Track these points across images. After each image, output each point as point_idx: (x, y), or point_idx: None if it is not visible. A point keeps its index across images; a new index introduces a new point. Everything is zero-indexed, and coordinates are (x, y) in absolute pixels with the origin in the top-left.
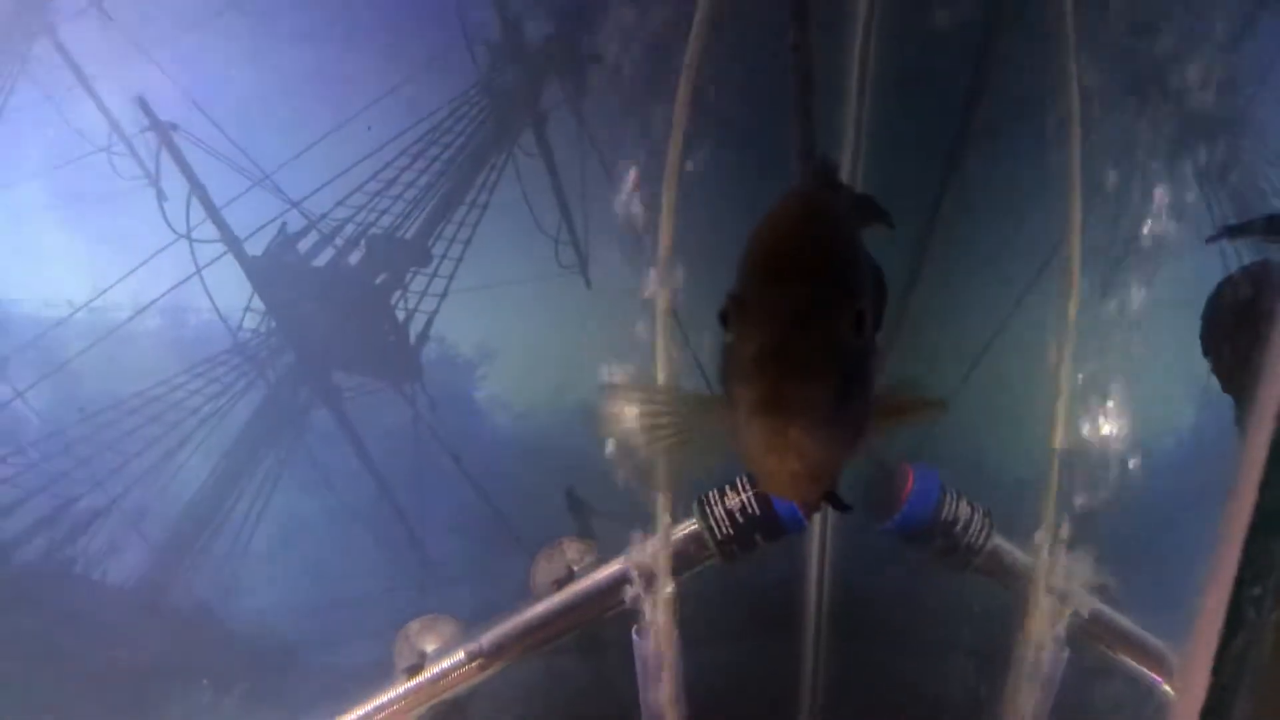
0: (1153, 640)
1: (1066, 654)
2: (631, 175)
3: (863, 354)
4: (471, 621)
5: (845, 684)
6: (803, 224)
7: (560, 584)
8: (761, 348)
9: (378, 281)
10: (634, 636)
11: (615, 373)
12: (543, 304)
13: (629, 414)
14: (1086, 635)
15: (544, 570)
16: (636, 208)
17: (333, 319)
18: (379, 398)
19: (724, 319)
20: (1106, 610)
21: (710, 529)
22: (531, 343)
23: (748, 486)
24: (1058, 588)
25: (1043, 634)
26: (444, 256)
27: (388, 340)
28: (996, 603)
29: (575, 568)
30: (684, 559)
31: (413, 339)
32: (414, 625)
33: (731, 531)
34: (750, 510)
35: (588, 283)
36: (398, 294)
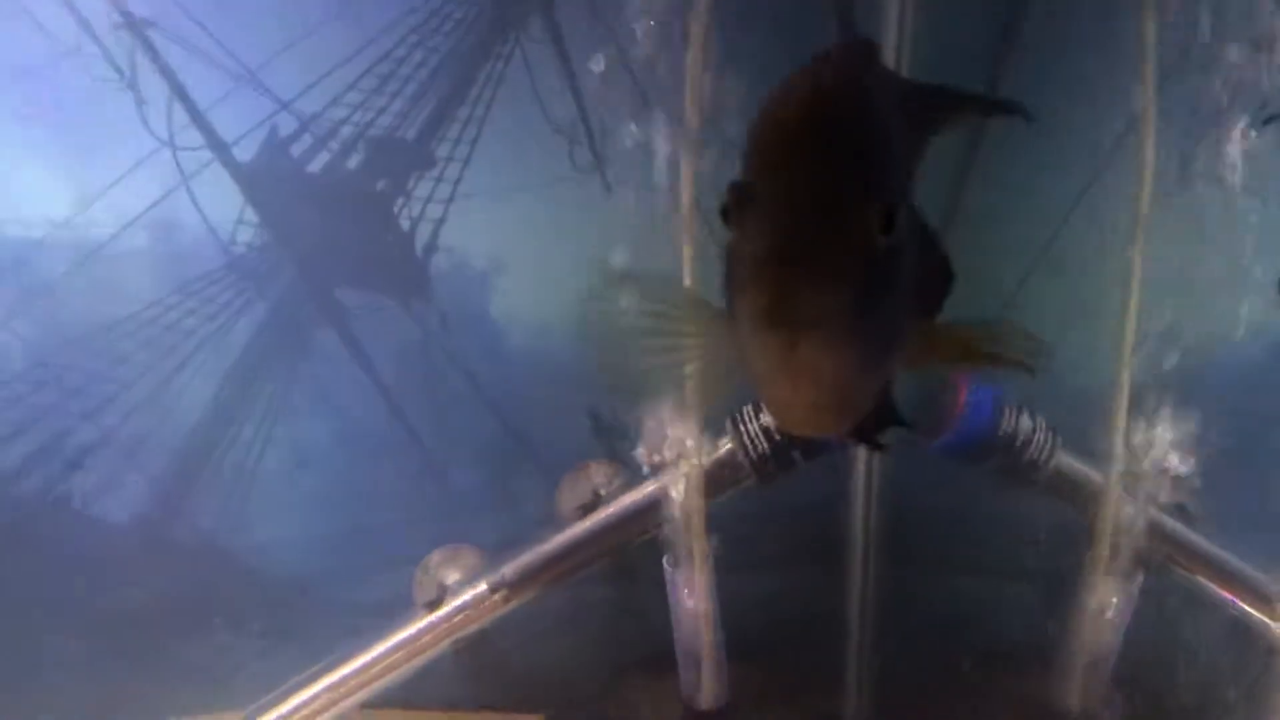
0: (1238, 564)
1: (1140, 579)
2: None
3: (894, 258)
4: (495, 551)
5: (897, 612)
6: (822, 99)
7: (586, 510)
8: (767, 247)
9: (379, 187)
10: (665, 566)
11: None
12: (558, 209)
13: (628, 312)
14: (1165, 559)
15: (569, 495)
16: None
17: (333, 230)
18: (387, 314)
19: (725, 214)
20: (1186, 531)
21: (745, 448)
22: (547, 252)
23: None
24: (1130, 507)
25: (1113, 557)
26: (449, 159)
27: (393, 252)
28: (1063, 522)
29: (602, 492)
30: (718, 481)
31: (419, 250)
32: (434, 556)
33: (768, 449)
34: None
35: (607, 185)
36: (401, 201)
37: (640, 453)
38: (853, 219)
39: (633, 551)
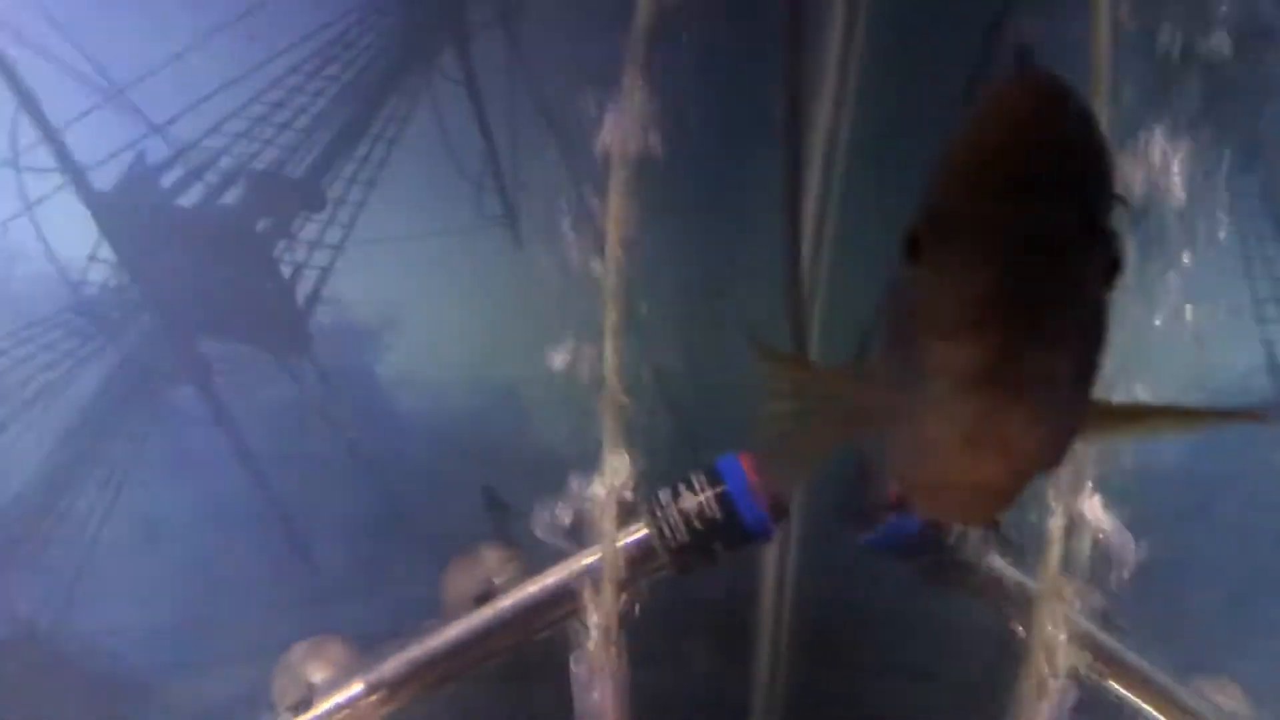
0: (1161, 677)
1: (1074, 695)
2: None
3: (1106, 319)
4: (369, 644)
5: (808, 714)
6: (1051, 113)
7: (479, 600)
8: (981, 290)
9: (259, 228)
10: (572, 665)
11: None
12: (462, 262)
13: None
14: (1091, 669)
15: (457, 582)
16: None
17: (202, 273)
18: (258, 371)
19: (911, 246)
20: (1109, 640)
21: (662, 535)
22: (447, 308)
23: (705, 486)
24: (1063, 614)
25: (1047, 668)
26: (342, 200)
27: (270, 301)
28: (991, 627)
29: (496, 580)
30: (631, 570)
31: (301, 300)
32: (298, 649)
33: (688, 539)
34: (710, 513)
35: (516, 238)
36: (283, 244)
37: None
38: (1081, 266)
39: (531, 649)
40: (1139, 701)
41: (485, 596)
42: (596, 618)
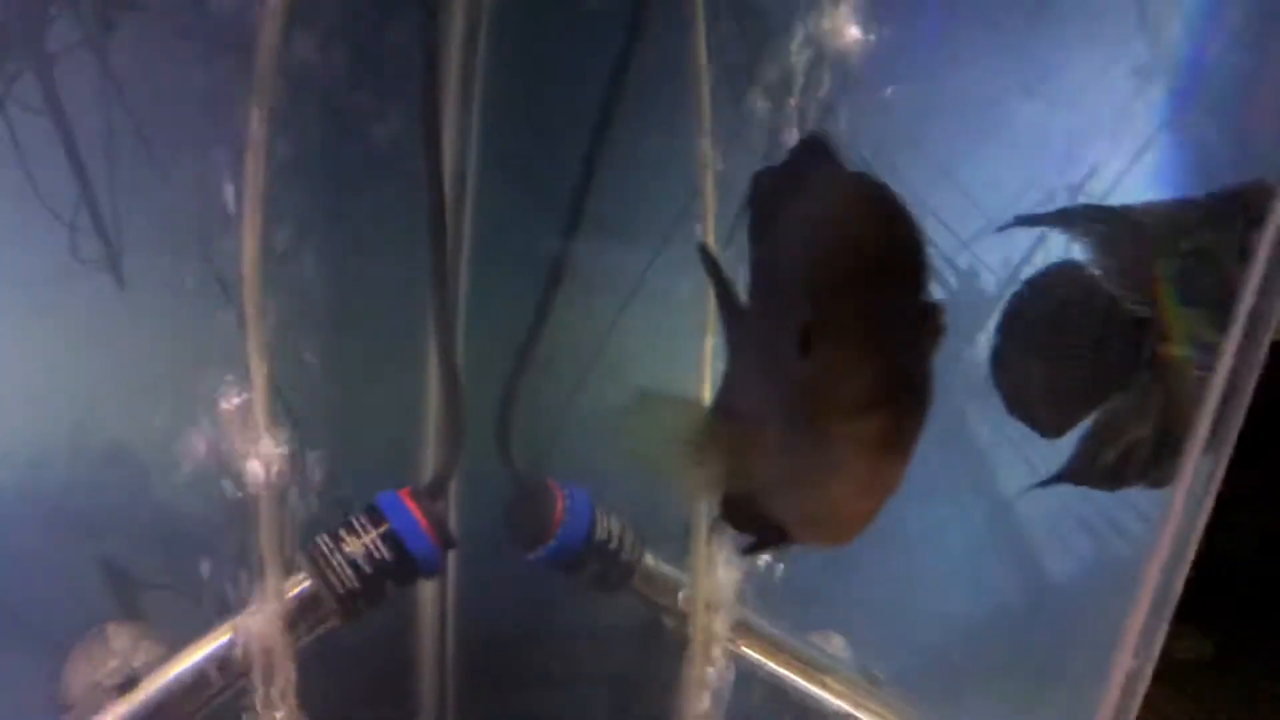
0: (782, 636)
1: (733, 672)
2: None
3: (934, 370)
4: None
5: None
6: (895, 220)
7: (121, 689)
8: (875, 374)
9: None
10: None
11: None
12: (54, 313)
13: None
14: (737, 644)
15: (82, 671)
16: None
17: None
18: None
19: (804, 341)
20: (749, 615)
21: (328, 583)
22: (40, 367)
23: (369, 527)
24: (712, 600)
25: (706, 652)
26: None
27: None
28: (656, 621)
29: (131, 661)
30: (295, 626)
31: None
32: None
33: (357, 584)
34: (378, 555)
35: (120, 281)
36: None
37: None
38: (927, 348)
39: None
40: (773, 664)
41: (128, 684)
42: (263, 685)
